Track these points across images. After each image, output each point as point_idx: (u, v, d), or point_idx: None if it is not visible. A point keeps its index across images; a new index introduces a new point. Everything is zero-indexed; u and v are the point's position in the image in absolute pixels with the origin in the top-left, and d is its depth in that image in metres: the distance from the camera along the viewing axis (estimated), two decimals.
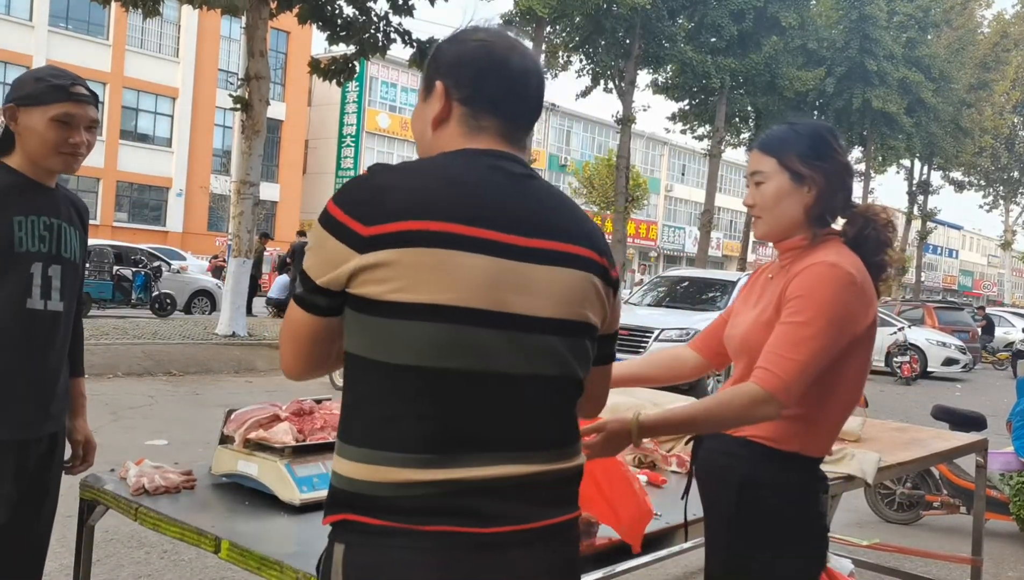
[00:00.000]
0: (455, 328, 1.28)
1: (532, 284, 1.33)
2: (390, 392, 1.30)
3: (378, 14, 13.36)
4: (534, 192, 1.39)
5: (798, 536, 2.00)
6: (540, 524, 1.36)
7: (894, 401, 13.24)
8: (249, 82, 12.49)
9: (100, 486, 2.31)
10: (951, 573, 4.84)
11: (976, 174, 42.39)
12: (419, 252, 1.26)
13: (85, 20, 31.30)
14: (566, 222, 1.41)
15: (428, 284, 1.26)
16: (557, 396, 1.40)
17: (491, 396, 1.32)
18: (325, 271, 1.31)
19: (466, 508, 1.30)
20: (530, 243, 1.34)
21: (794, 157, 1.98)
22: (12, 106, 2.22)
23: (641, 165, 47.11)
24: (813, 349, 1.84)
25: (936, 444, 3.77)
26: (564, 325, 1.37)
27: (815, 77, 25.13)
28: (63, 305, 2.31)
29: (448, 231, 1.27)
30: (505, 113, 1.41)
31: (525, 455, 1.35)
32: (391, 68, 38.57)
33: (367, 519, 1.30)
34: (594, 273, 1.41)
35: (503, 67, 1.42)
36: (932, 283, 68.86)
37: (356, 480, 1.32)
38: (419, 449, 1.29)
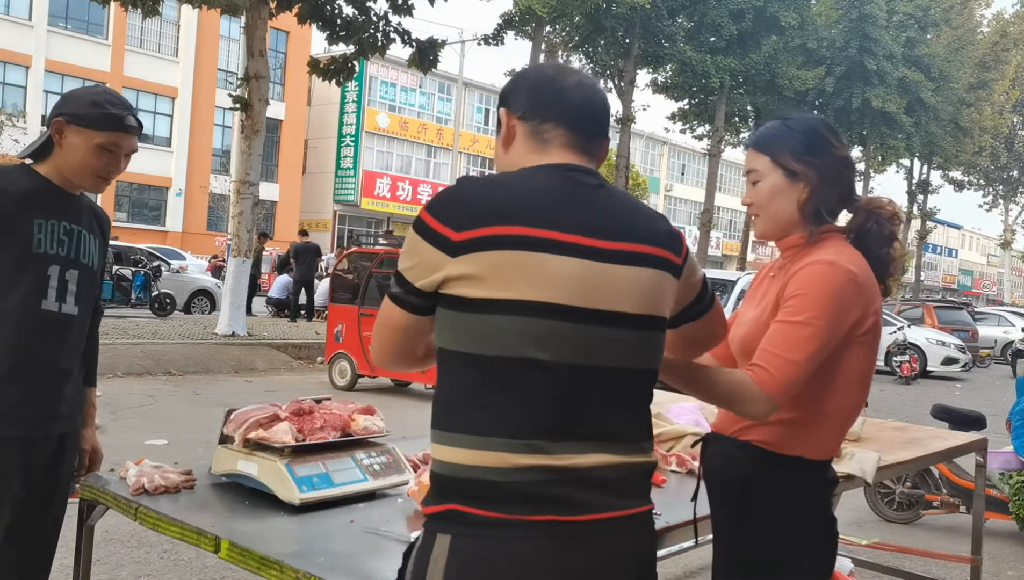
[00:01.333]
0: (545, 323, 1.37)
1: (616, 283, 1.42)
2: (485, 383, 1.38)
3: (377, 14, 13.36)
4: (608, 199, 1.49)
5: (804, 539, 1.99)
6: (625, 513, 1.45)
7: (894, 400, 13.24)
8: (249, 82, 12.49)
9: (100, 486, 2.31)
10: (951, 572, 4.85)
11: (976, 173, 42.40)
12: (506, 254, 1.36)
13: (84, 20, 31.31)
14: (642, 225, 1.50)
15: (517, 282, 1.36)
16: (640, 389, 1.50)
17: (584, 387, 1.40)
18: (420, 275, 1.42)
19: (565, 496, 1.37)
20: (611, 246, 1.43)
21: (786, 154, 1.96)
22: (62, 121, 2.25)
23: (641, 165, 47.10)
24: (809, 351, 1.82)
25: (936, 443, 3.77)
26: (646, 321, 1.47)
27: (815, 76, 25.13)
28: (78, 309, 2.34)
29: (532, 235, 1.37)
30: (567, 122, 1.52)
31: (612, 445, 1.44)
32: (391, 68, 38.56)
33: (477, 510, 1.36)
34: (668, 271, 1.51)
35: (554, 82, 1.54)
36: (932, 282, 68.86)
37: (462, 465, 1.38)
38: (522, 435, 1.36)
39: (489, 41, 18.64)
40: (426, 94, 42.08)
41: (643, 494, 1.52)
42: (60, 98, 2.32)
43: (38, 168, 2.30)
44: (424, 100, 42.14)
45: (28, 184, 2.26)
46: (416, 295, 1.44)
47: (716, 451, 2.08)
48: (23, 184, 2.25)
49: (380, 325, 1.56)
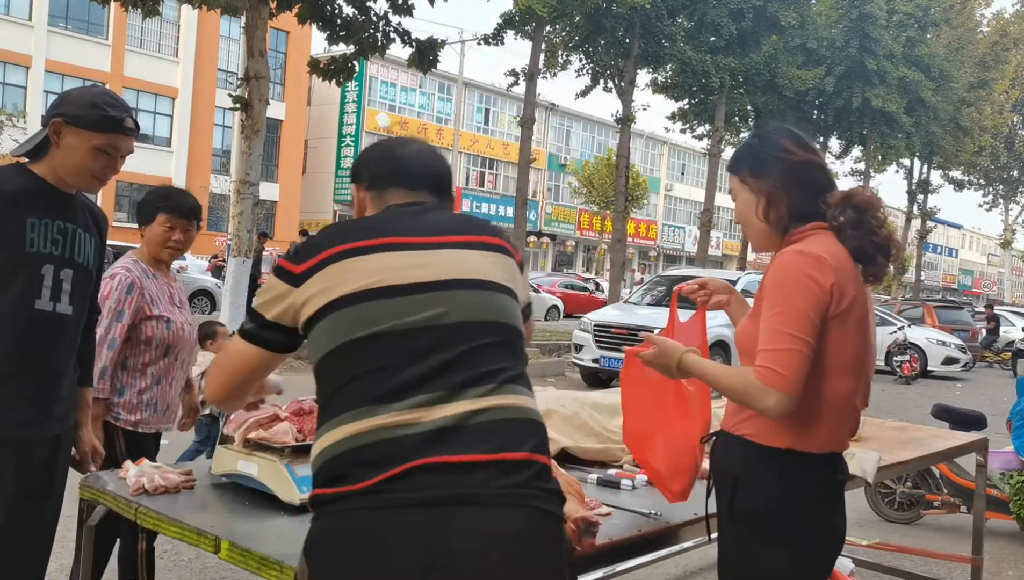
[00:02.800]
0: (369, 304, 1.56)
1: (427, 261, 1.61)
2: (338, 372, 1.56)
3: (377, 14, 13.35)
4: (429, 215, 1.73)
5: (792, 533, 2.01)
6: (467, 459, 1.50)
7: (894, 400, 13.24)
8: (249, 82, 12.48)
9: (100, 486, 2.30)
10: (951, 572, 4.84)
11: (976, 173, 42.37)
12: (333, 267, 1.60)
13: (84, 20, 31.28)
14: (458, 224, 1.72)
15: (343, 284, 1.58)
16: (484, 338, 1.60)
17: (423, 345, 1.55)
18: (271, 308, 1.65)
19: (397, 452, 1.48)
20: (424, 240, 1.64)
21: (745, 170, 2.13)
22: (60, 121, 2.25)
23: (641, 164, 47.09)
24: (795, 334, 1.91)
25: (936, 443, 3.77)
26: (475, 283, 1.63)
27: (815, 76, 25.12)
28: (72, 309, 2.33)
29: (352, 247, 1.61)
30: (406, 184, 1.78)
31: (454, 395, 1.53)
32: (391, 68, 38.55)
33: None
34: (491, 250, 1.70)
35: (393, 154, 1.82)
36: (932, 282, 68.86)
37: (319, 452, 1.54)
38: (364, 403, 1.51)
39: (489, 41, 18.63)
40: (426, 94, 42.08)
41: (489, 442, 1.51)
42: (57, 98, 2.31)
43: (33, 167, 2.29)
44: (424, 100, 42.14)
45: (21, 183, 2.25)
46: (267, 328, 1.66)
47: (719, 447, 2.16)
48: (16, 183, 2.24)
49: (224, 360, 1.74)
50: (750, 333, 2.04)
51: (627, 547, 2.19)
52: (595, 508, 2.26)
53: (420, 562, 1.42)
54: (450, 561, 1.42)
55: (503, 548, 1.45)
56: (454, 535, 1.43)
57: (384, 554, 1.43)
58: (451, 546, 1.43)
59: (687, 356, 2.09)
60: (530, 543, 1.49)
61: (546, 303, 25.61)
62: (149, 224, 3.03)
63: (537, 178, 44.58)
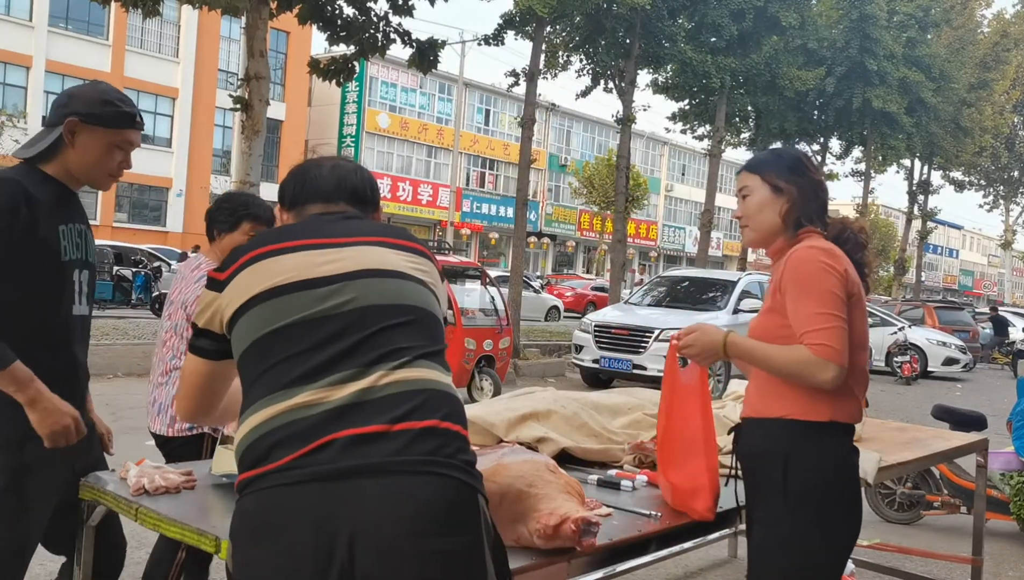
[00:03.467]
0: (282, 298, 1.63)
1: (340, 257, 1.68)
2: (255, 362, 1.62)
3: (378, 14, 13.35)
4: (345, 221, 1.80)
5: (840, 504, 2.22)
6: (367, 430, 1.53)
7: (894, 401, 13.24)
8: (249, 82, 12.47)
9: (100, 486, 2.31)
10: (952, 573, 4.84)
11: (976, 174, 42.32)
12: (250, 269, 1.68)
13: (85, 20, 31.29)
14: (369, 229, 1.78)
15: (257, 283, 1.66)
16: (388, 319, 1.64)
17: (328, 330, 1.60)
18: (202, 315, 1.74)
19: (306, 432, 1.52)
20: (336, 240, 1.72)
21: (773, 173, 2.37)
22: (76, 121, 2.25)
23: (641, 165, 47.08)
24: (835, 312, 2.13)
25: (936, 444, 3.77)
26: (376, 272, 1.68)
27: (815, 77, 25.10)
28: (87, 307, 2.42)
29: (268, 250, 1.70)
30: (322, 199, 1.85)
31: (360, 372, 1.57)
32: (391, 68, 38.56)
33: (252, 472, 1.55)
34: (402, 249, 1.76)
35: (307, 173, 1.89)
36: (932, 283, 68.82)
37: (240, 440, 1.59)
38: (279, 387, 1.56)
39: (489, 41, 18.62)
40: (426, 94, 42.08)
41: (396, 412, 1.53)
42: (62, 96, 2.31)
43: (45, 168, 2.27)
44: (424, 100, 42.15)
45: (47, 189, 2.24)
46: (204, 337, 1.76)
47: (752, 434, 2.30)
48: (43, 191, 2.22)
49: (182, 376, 1.85)
50: (769, 324, 2.25)
51: (627, 548, 2.20)
52: (595, 509, 2.26)
53: (327, 534, 1.43)
54: (357, 532, 1.43)
55: (413, 517, 1.45)
56: (360, 506, 1.44)
57: (291, 528, 1.45)
58: (357, 517, 1.44)
59: (732, 336, 2.27)
60: (441, 512, 1.48)
61: (546, 304, 25.62)
62: (231, 232, 3.08)
63: (537, 179, 44.59)
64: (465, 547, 1.50)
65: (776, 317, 2.23)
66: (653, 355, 11.25)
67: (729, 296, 12.87)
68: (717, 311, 12.51)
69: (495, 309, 10.82)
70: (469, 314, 10.59)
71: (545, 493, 2.00)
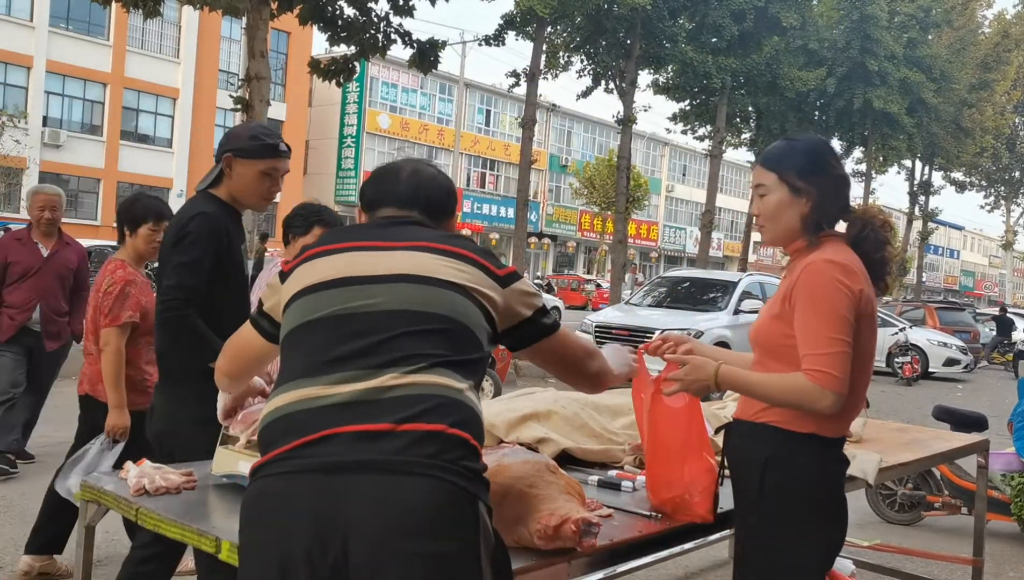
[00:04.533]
0: (320, 294, 1.70)
1: (378, 260, 1.73)
2: (288, 351, 1.71)
3: (379, 15, 13.35)
4: (404, 226, 1.83)
5: (819, 514, 2.17)
6: (365, 427, 1.56)
7: (895, 401, 13.23)
8: (249, 83, 12.48)
9: (101, 487, 2.31)
10: (952, 574, 4.84)
11: (977, 174, 42.34)
12: (307, 265, 1.78)
13: (86, 20, 31.29)
14: (423, 235, 1.79)
15: (306, 278, 1.75)
16: (404, 325, 1.66)
17: (348, 329, 1.65)
18: (267, 299, 1.88)
19: (312, 422, 1.57)
20: (385, 244, 1.76)
21: (791, 172, 2.21)
22: (231, 156, 2.73)
23: (642, 165, 47.10)
24: (841, 336, 2.06)
25: (937, 445, 3.77)
26: (408, 278, 1.70)
27: (816, 77, 25.11)
28: None
29: (325, 249, 1.79)
30: (391, 202, 1.91)
31: (372, 373, 1.60)
32: (391, 68, 38.56)
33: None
34: (442, 255, 1.75)
35: (383, 177, 1.96)
36: (933, 283, 68.83)
37: (260, 423, 1.65)
38: (294, 377, 1.63)
39: (490, 42, 18.65)
40: (427, 95, 42.09)
41: (404, 413, 1.54)
42: (223, 137, 2.80)
43: (217, 193, 2.75)
44: (425, 101, 42.16)
45: (229, 216, 2.74)
46: (264, 318, 1.88)
47: (737, 436, 2.27)
48: (225, 219, 2.71)
49: (234, 338, 1.99)
50: (772, 331, 2.19)
51: (628, 548, 2.19)
52: (595, 509, 2.26)
53: (323, 525, 1.46)
54: (348, 525, 1.45)
55: (401, 517, 1.45)
56: (356, 501, 1.45)
57: (289, 515, 1.48)
58: (350, 511, 1.45)
59: (724, 368, 2.18)
60: (431, 515, 1.47)
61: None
62: (304, 235, 3.60)
63: (538, 179, 44.59)
64: (455, 552, 1.49)
65: (781, 325, 2.17)
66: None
67: (730, 297, 12.86)
68: (718, 312, 12.51)
69: None
70: None
71: (546, 494, 2.00)
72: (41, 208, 5.49)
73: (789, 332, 2.14)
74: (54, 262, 5.59)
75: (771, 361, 2.20)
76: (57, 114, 31.08)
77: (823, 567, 2.22)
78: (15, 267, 5.50)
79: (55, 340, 5.63)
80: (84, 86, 31.74)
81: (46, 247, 5.56)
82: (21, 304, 5.49)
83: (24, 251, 5.54)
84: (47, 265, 5.56)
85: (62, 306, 5.65)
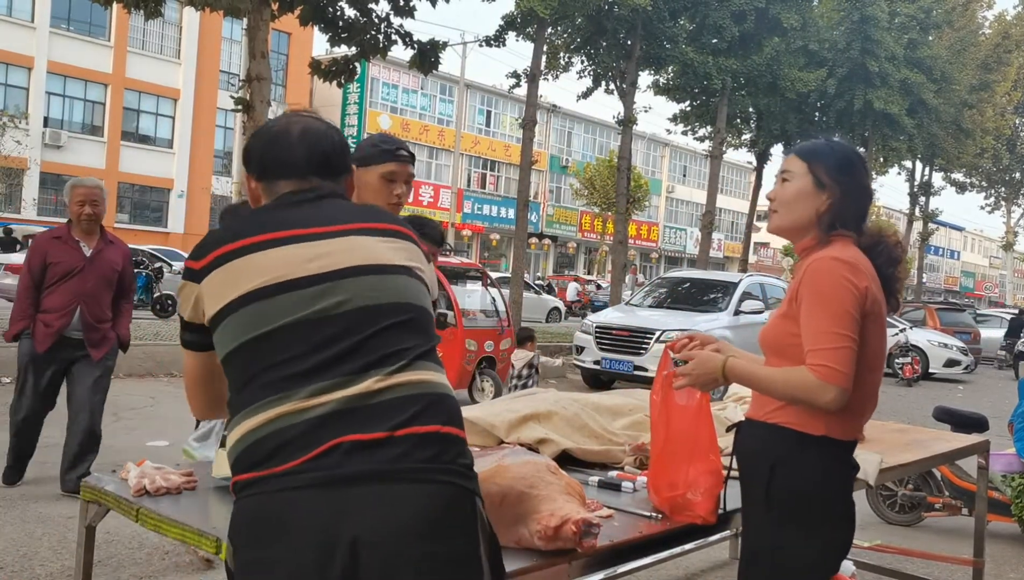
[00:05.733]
0: (271, 300, 1.57)
1: (324, 252, 1.62)
2: (243, 366, 1.58)
3: (379, 16, 13.36)
4: (321, 203, 1.73)
5: (827, 517, 2.17)
6: (369, 437, 1.52)
7: (895, 402, 13.23)
8: (250, 83, 12.48)
9: (101, 487, 2.31)
10: (953, 575, 4.84)
11: (978, 175, 42.30)
12: (231, 264, 1.61)
13: (87, 21, 31.31)
14: (348, 215, 1.73)
15: (242, 281, 1.59)
16: (382, 320, 1.61)
17: (318, 333, 1.56)
18: (185, 308, 1.68)
19: (302, 438, 1.51)
20: (319, 230, 1.65)
21: (821, 165, 2.23)
22: (354, 167, 2.69)
23: (642, 166, 47.08)
24: (845, 332, 2.06)
25: (938, 445, 3.77)
26: (369, 269, 1.64)
27: (816, 78, 25.09)
28: None
29: (248, 244, 1.62)
30: (297, 176, 1.76)
31: (354, 378, 1.54)
32: (392, 69, 38.58)
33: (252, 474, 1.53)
34: (386, 235, 1.71)
35: (278, 141, 1.78)
36: (934, 284, 68.80)
37: (234, 444, 1.56)
38: (271, 393, 1.54)
39: (491, 43, 18.63)
40: (428, 96, 42.09)
41: (398, 417, 1.53)
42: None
43: None
44: (426, 102, 42.16)
45: None
46: (190, 331, 1.71)
47: (748, 435, 2.27)
48: None
49: (184, 374, 1.81)
50: (780, 331, 2.20)
51: (628, 549, 2.19)
52: (596, 510, 2.26)
53: (330, 538, 1.44)
54: (359, 536, 1.44)
55: (411, 522, 1.46)
56: (362, 511, 1.45)
57: (296, 531, 1.46)
58: (359, 522, 1.45)
59: (732, 361, 2.20)
60: (439, 517, 1.49)
61: (547, 305, 25.63)
62: None
63: (539, 180, 44.58)
64: (462, 550, 1.52)
65: (789, 324, 2.17)
66: (654, 356, 11.23)
67: (730, 298, 12.85)
68: (718, 313, 12.50)
69: (496, 310, 10.81)
70: (470, 315, 10.57)
71: (546, 494, 2.00)
72: (81, 202, 5.03)
73: (796, 331, 2.14)
74: (98, 262, 5.11)
75: (779, 361, 2.20)
76: (58, 115, 31.09)
77: (830, 570, 2.22)
78: (56, 268, 5.00)
79: (100, 347, 5.10)
80: (85, 87, 31.76)
81: (88, 246, 5.10)
82: (58, 307, 4.98)
83: (65, 250, 5.04)
84: (90, 266, 5.07)
85: (105, 313, 5.14)
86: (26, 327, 5.00)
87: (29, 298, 5.01)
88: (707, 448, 2.33)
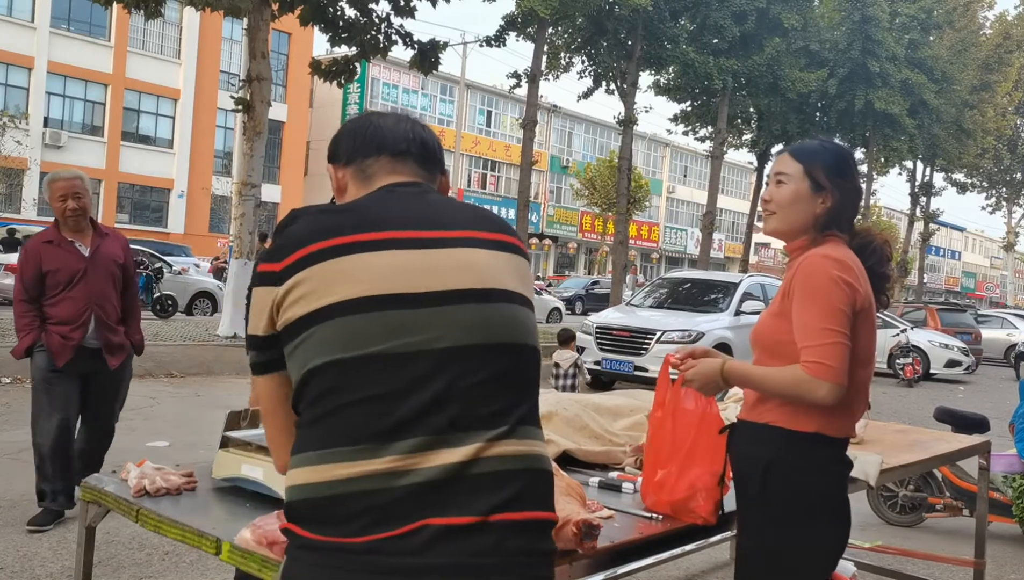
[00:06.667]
0: (368, 316, 1.34)
1: (434, 264, 1.39)
2: (323, 393, 1.35)
3: (380, 16, 13.38)
4: (431, 198, 1.52)
5: (822, 515, 2.17)
6: (472, 519, 1.35)
7: (896, 403, 13.22)
8: (251, 83, 12.49)
9: (101, 487, 2.30)
10: (953, 576, 4.83)
11: (979, 176, 42.31)
12: (326, 264, 1.36)
13: (87, 21, 31.33)
14: (461, 218, 1.49)
15: (338, 286, 1.35)
16: (499, 365, 1.40)
17: (427, 371, 1.34)
18: (259, 320, 1.42)
19: (395, 505, 1.32)
20: (429, 234, 1.42)
21: (820, 168, 2.22)
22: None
23: (643, 166, 47.10)
24: (836, 327, 2.06)
25: (938, 446, 3.76)
26: (488, 294, 1.42)
27: (817, 78, 25.11)
28: None
29: (350, 241, 1.38)
30: (389, 151, 1.55)
31: (464, 436, 1.34)
32: (392, 69, 38.60)
33: (306, 532, 1.35)
34: (502, 249, 1.49)
35: (370, 122, 1.60)
36: (934, 285, 68.82)
37: (300, 486, 1.36)
38: (345, 443, 1.32)
39: (491, 43, 18.65)
40: (428, 96, 42.10)
41: (494, 499, 1.35)
42: None
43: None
44: (426, 102, 42.17)
45: None
46: (265, 349, 1.43)
47: (740, 436, 2.27)
48: None
49: (262, 408, 1.51)
50: (772, 329, 2.20)
51: (629, 550, 2.19)
52: (596, 511, 2.25)
53: None
54: None
55: None
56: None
57: None
58: None
59: (729, 362, 2.22)
60: None
61: (548, 305, 25.64)
62: None
63: (539, 180, 44.59)
64: None
65: (783, 322, 2.17)
66: (654, 357, 11.23)
67: (731, 298, 12.85)
68: (719, 313, 12.50)
69: None
70: None
71: None
72: (63, 197, 4.49)
73: (788, 329, 2.14)
74: (99, 260, 4.59)
75: (770, 359, 2.20)
76: (58, 115, 31.12)
77: (826, 569, 2.21)
78: (57, 275, 4.46)
79: (117, 354, 4.69)
80: (85, 87, 31.78)
81: (84, 244, 4.58)
82: (74, 317, 4.47)
83: (61, 255, 4.50)
84: (93, 265, 4.55)
85: (117, 311, 4.69)
86: (37, 339, 4.47)
87: (30, 309, 4.50)
88: (709, 450, 2.33)
